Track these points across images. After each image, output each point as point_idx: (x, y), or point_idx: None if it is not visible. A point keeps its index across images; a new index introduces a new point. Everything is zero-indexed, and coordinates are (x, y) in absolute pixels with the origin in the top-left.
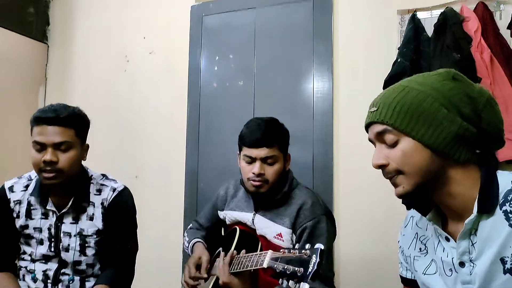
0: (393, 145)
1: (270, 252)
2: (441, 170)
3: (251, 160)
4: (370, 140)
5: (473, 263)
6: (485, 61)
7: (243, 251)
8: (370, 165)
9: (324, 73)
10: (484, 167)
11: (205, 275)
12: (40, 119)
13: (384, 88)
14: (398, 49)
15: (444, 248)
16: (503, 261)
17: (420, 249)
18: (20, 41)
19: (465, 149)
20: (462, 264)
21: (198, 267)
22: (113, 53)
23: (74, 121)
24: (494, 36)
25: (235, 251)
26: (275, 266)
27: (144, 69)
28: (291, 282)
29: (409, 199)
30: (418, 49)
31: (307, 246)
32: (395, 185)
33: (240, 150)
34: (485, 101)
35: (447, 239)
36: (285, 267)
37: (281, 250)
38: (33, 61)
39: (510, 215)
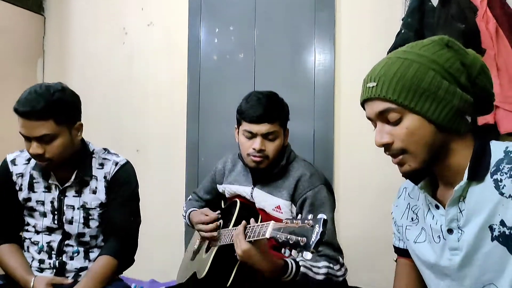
0: (397, 122)
1: (272, 222)
2: (444, 144)
3: (252, 136)
4: (368, 117)
5: (461, 230)
6: (490, 32)
7: (244, 222)
8: (371, 139)
9: (326, 44)
10: (478, 136)
11: (215, 214)
12: (18, 112)
13: None
14: (402, 19)
15: (433, 215)
16: (491, 228)
17: (412, 218)
18: (16, 13)
19: (465, 120)
20: (450, 231)
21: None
22: (110, 25)
23: (52, 111)
24: (501, 6)
25: (244, 222)
26: (278, 236)
27: (143, 41)
28: (293, 251)
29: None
30: (423, 20)
31: (310, 216)
32: (400, 163)
33: (239, 124)
34: (479, 67)
35: (437, 207)
36: (288, 237)
37: (283, 221)
38: (30, 33)
39: (500, 184)
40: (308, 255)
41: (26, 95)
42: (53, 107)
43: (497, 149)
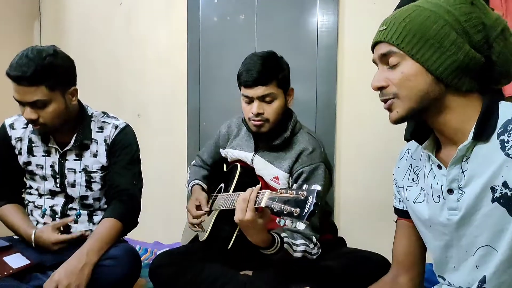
0: (395, 66)
1: (267, 191)
2: (439, 98)
3: (249, 100)
4: (373, 61)
5: (462, 191)
6: None
7: (257, 187)
8: (374, 104)
9: (329, 5)
10: (486, 96)
11: (207, 209)
12: (10, 76)
13: None
14: None
15: (435, 175)
16: (493, 189)
17: (413, 179)
18: None
19: (469, 78)
20: (450, 191)
21: (198, 207)
22: None
23: (43, 77)
24: None
25: (258, 187)
26: (272, 206)
27: (141, 2)
28: (287, 221)
29: (412, 131)
30: None
31: (304, 187)
32: (390, 110)
33: (240, 90)
34: (499, 30)
35: (439, 167)
36: (282, 207)
37: (278, 190)
38: None
39: (506, 145)
40: (301, 225)
41: (17, 60)
42: (45, 72)
43: (506, 109)
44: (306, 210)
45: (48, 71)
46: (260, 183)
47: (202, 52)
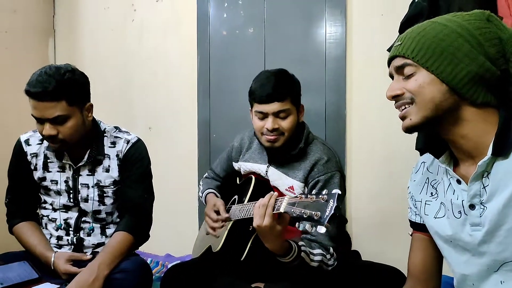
0: (410, 76)
1: (287, 197)
2: (454, 109)
3: (263, 116)
4: (390, 75)
5: (484, 206)
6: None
7: (275, 193)
8: (384, 114)
9: (337, 17)
10: (503, 109)
11: (226, 215)
12: (29, 93)
13: (400, 31)
14: None
15: (454, 190)
16: None
17: (432, 193)
18: None
19: (484, 91)
20: (472, 206)
21: (216, 213)
22: (119, 2)
23: (64, 92)
24: None
25: (275, 193)
26: (292, 210)
27: (152, 18)
28: (307, 225)
29: (423, 145)
30: None
31: (324, 191)
32: (404, 118)
33: (252, 106)
34: None
35: (459, 182)
36: (302, 211)
37: (297, 196)
38: (40, 12)
39: None
40: (322, 229)
41: (36, 77)
42: (65, 87)
43: None
44: (327, 213)
45: (68, 86)
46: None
47: (211, 65)
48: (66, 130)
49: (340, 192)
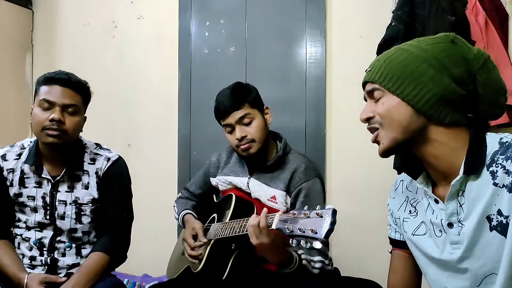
0: (378, 100)
1: (278, 214)
2: (422, 129)
3: (231, 129)
4: (364, 98)
5: (462, 224)
6: (480, 24)
7: (265, 210)
8: (363, 132)
9: (317, 38)
10: (473, 129)
11: (205, 240)
12: (53, 79)
13: (377, 52)
14: (393, 12)
15: (433, 210)
16: (489, 218)
17: (410, 211)
18: (3, 6)
19: (451, 111)
20: (450, 225)
21: (194, 237)
22: (100, 18)
23: (83, 89)
24: None
25: (266, 209)
26: (285, 227)
27: (133, 35)
28: (302, 241)
29: (400, 165)
30: (413, 12)
31: (318, 207)
32: (377, 142)
33: (220, 123)
34: (481, 63)
35: (436, 201)
36: (297, 227)
37: (290, 212)
38: (18, 27)
39: (496, 175)
40: (318, 244)
41: (58, 71)
42: (84, 86)
43: (492, 140)
44: (324, 229)
45: (86, 87)
46: (255, 205)
47: (193, 82)
48: (71, 122)
49: (334, 208)
